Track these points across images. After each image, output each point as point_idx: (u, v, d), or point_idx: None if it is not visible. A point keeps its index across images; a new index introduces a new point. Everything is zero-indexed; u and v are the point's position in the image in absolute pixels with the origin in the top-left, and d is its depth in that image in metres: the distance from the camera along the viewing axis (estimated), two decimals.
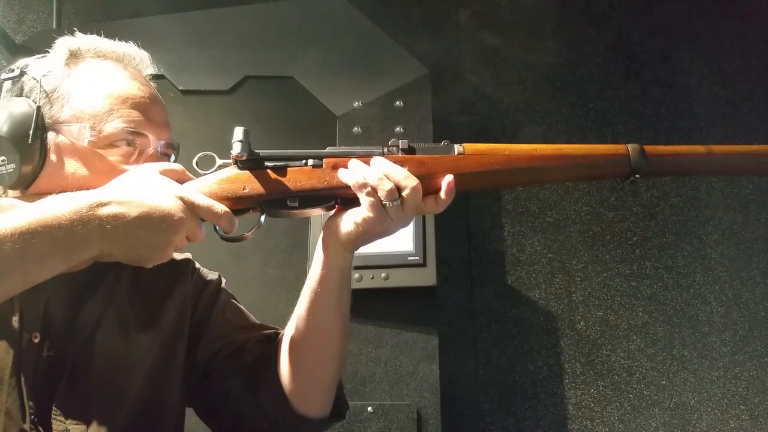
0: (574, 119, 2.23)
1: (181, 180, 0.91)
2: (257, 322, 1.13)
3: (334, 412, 1.05)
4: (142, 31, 2.14)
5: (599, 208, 2.15)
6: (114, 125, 0.93)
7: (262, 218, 0.94)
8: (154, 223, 0.82)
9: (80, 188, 0.86)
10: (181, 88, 2.10)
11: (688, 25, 2.30)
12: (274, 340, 1.08)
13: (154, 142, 0.97)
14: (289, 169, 0.93)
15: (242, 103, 2.11)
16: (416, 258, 1.82)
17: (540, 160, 0.96)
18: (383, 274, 1.81)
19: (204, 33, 2.16)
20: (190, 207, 0.86)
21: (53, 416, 0.89)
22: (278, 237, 1.98)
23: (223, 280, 1.14)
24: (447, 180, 0.92)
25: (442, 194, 0.92)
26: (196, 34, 2.15)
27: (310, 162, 0.93)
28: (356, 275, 1.79)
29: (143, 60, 1.04)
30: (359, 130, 2.00)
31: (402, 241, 1.83)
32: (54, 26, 2.31)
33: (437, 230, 1.86)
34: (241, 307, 1.13)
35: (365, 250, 0.99)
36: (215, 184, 0.91)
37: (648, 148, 0.98)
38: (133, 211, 0.82)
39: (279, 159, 0.94)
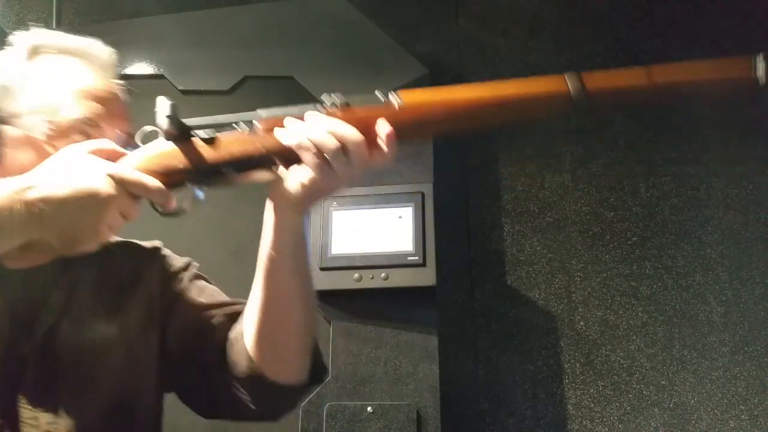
0: (573, 119, 2.23)
1: (113, 157, 0.89)
2: (227, 299, 1.11)
3: (313, 377, 1.02)
4: (142, 31, 2.14)
5: (599, 208, 2.15)
6: (70, 117, 0.93)
7: (197, 191, 0.91)
8: (81, 202, 0.81)
9: None
10: (180, 88, 2.10)
11: (688, 25, 2.29)
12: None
13: (111, 134, 0.95)
14: (220, 136, 0.90)
15: (242, 103, 2.11)
16: (416, 258, 1.82)
17: (478, 107, 0.90)
18: (383, 274, 1.81)
19: (204, 33, 2.16)
20: (119, 183, 0.84)
21: (20, 405, 0.89)
22: None
23: (194, 264, 1.12)
24: (386, 132, 0.87)
25: (384, 147, 0.88)
26: (196, 34, 2.15)
27: (243, 126, 0.90)
28: (356, 275, 1.79)
29: (108, 56, 1.02)
30: None
31: (402, 241, 1.83)
32: (54, 26, 2.31)
33: (437, 230, 1.86)
34: (213, 286, 1.12)
35: (365, 250, 0.98)
36: (147, 159, 0.89)
37: (587, 76, 0.91)
38: (59, 192, 0.81)
39: (208, 127, 0.90)
